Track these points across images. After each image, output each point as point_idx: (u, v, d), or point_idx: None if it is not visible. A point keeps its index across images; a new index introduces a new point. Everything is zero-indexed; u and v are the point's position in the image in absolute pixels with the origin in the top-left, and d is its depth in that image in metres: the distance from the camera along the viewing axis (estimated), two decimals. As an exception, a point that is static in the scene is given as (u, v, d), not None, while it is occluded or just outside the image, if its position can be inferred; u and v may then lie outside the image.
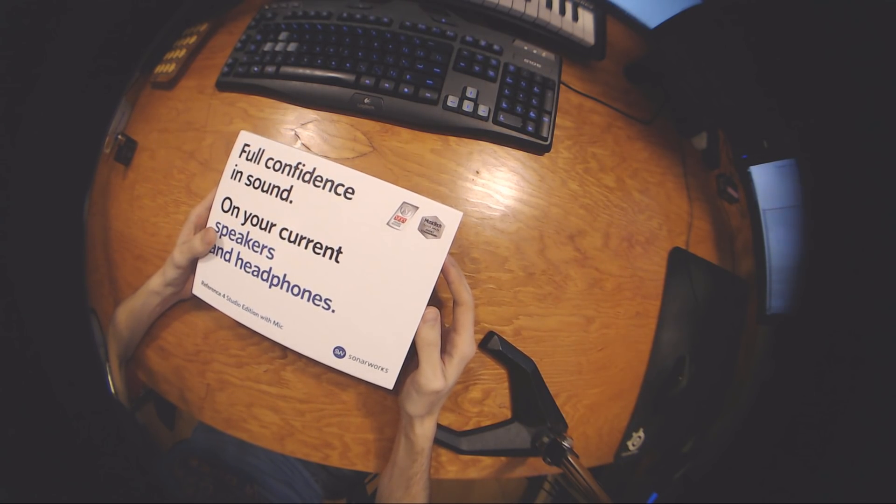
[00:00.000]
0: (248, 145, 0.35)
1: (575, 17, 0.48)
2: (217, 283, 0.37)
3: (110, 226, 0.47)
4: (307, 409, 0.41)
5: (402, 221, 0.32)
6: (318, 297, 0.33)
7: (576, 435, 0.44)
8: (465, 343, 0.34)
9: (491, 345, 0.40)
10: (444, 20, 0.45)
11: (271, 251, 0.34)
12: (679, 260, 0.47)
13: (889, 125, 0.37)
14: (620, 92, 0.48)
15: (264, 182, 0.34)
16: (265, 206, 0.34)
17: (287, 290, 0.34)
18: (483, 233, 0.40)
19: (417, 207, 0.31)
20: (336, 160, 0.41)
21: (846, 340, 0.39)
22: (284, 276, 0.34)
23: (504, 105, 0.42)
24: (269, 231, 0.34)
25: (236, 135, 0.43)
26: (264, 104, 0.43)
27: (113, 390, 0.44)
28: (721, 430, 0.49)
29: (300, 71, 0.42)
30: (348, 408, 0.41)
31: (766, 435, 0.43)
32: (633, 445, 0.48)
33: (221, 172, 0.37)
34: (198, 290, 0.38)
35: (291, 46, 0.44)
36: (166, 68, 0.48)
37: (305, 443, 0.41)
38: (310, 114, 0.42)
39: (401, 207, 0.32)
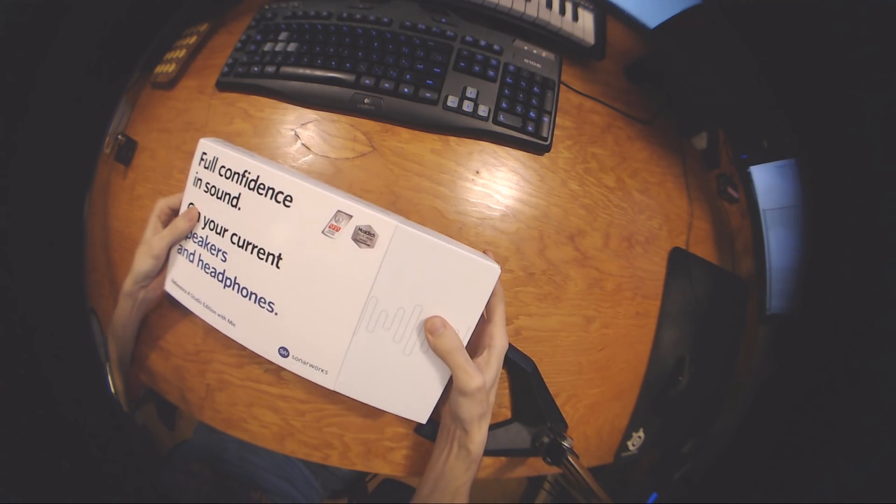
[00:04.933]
0: (206, 153, 0.36)
1: (575, 17, 0.48)
2: (184, 282, 0.39)
3: (110, 226, 0.47)
4: (307, 409, 0.41)
5: (337, 230, 0.32)
6: (262, 300, 0.35)
7: (576, 435, 0.44)
8: (503, 334, 0.35)
9: (491, 345, 0.40)
10: (444, 20, 0.45)
11: (224, 255, 0.36)
12: (679, 260, 0.47)
13: (889, 124, 0.37)
14: (620, 92, 0.48)
15: (218, 189, 0.35)
16: (219, 212, 0.35)
17: (237, 292, 0.35)
18: (483, 233, 0.40)
19: (351, 216, 0.32)
20: (335, 160, 0.41)
21: (846, 340, 0.39)
22: (235, 278, 0.35)
23: (504, 105, 0.42)
24: (223, 236, 0.35)
25: (237, 135, 0.43)
26: (264, 104, 0.43)
27: (113, 390, 0.44)
28: (721, 430, 0.49)
29: (300, 71, 0.42)
30: (348, 408, 0.41)
31: (766, 435, 0.43)
32: (633, 445, 0.48)
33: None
34: (169, 287, 0.40)
35: (291, 46, 0.44)
36: (166, 68, 0.48)
37: (305, 443, 0.41)
38: (310, 114, 0.42)
39: (335, 216, 0.32)
